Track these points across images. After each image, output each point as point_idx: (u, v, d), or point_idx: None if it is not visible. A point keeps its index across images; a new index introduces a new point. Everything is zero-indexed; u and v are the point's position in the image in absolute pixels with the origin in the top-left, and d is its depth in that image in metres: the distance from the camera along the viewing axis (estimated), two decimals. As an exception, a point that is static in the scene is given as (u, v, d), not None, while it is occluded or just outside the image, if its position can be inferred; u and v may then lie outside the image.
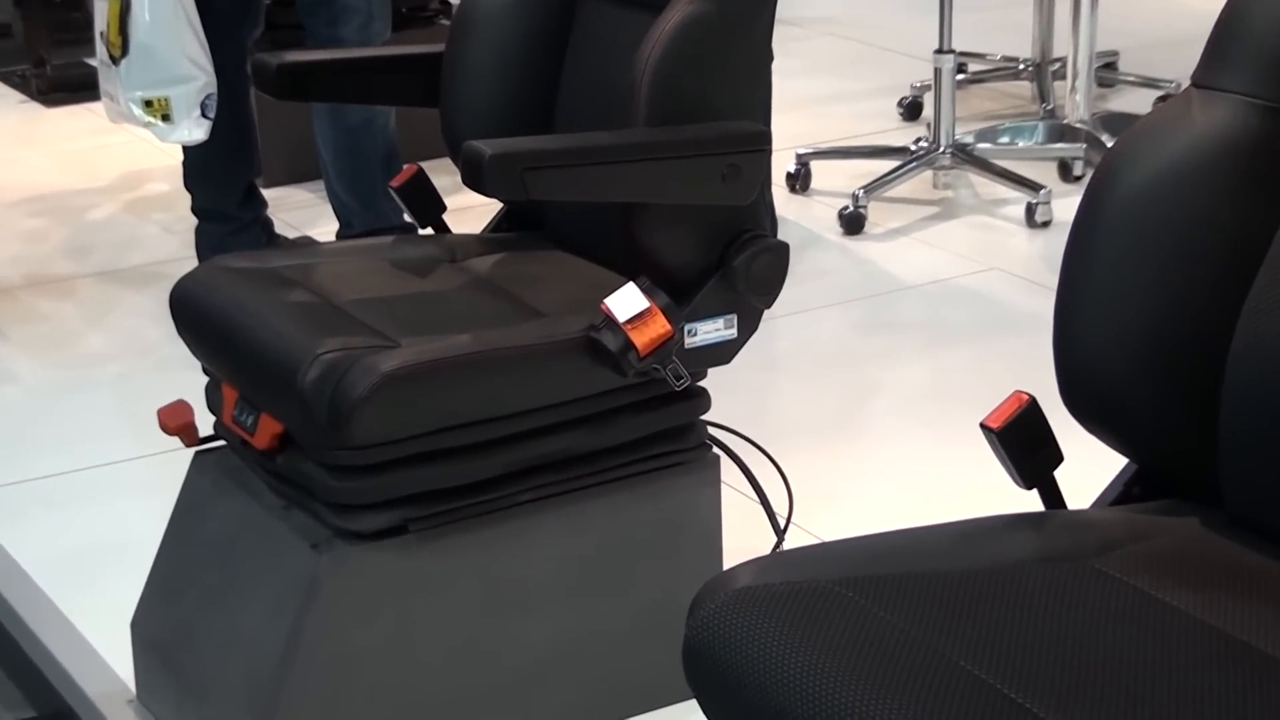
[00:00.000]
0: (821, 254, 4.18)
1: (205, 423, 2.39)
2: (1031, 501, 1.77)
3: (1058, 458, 1.75)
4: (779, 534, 2.47)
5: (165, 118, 3.37)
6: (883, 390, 3.47)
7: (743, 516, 2.54)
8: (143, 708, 2.44)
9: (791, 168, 4.60)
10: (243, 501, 2.31)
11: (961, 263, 4.10)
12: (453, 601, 2.22)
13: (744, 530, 2.51)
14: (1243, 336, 1.65)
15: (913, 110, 5.21)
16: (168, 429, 2.39)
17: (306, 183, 4.56)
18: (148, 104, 3.36)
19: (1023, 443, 1.73)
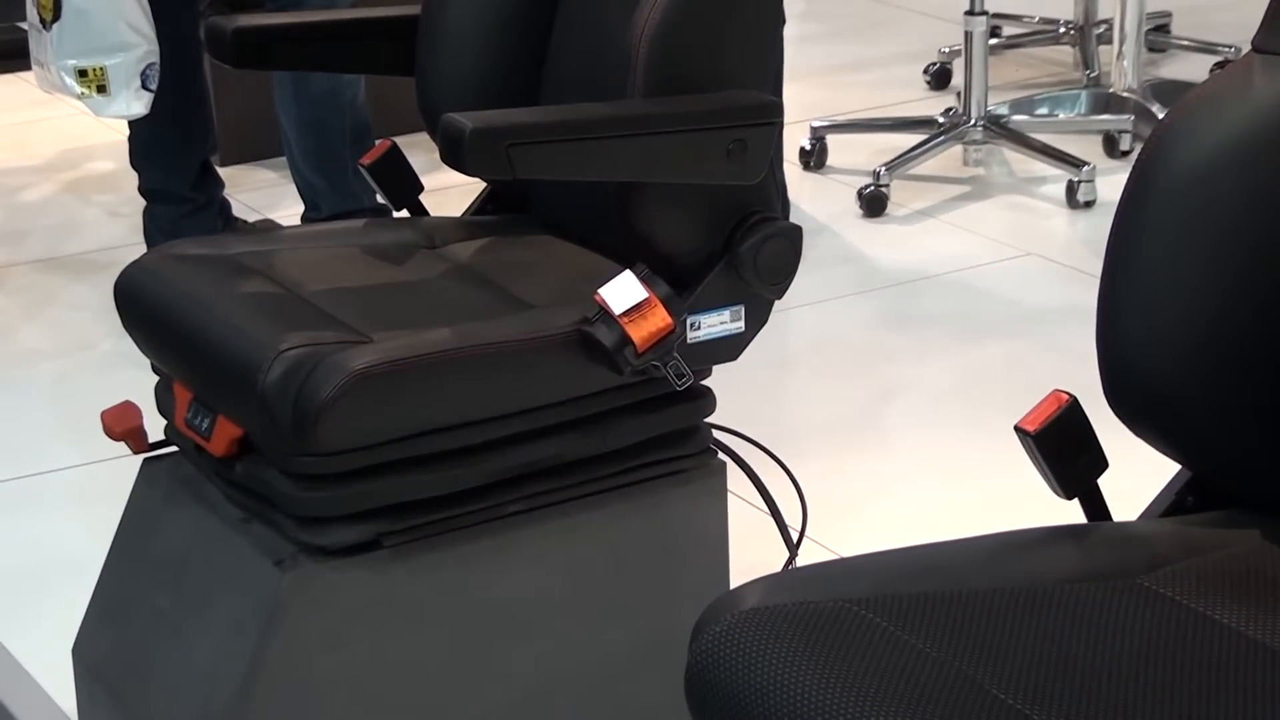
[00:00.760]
0: (839, 238, 4.19)
1: (155, 427, 2.40)
2: (1072, 513, 1.77)
3: (1101, 464, 1.75)
4: (792, 549, 2.48)
5: (101, 89, 3.37)
6: (907, 390, 3.48)
7: (752, 529, 2.55)
8: (86, 743, 2.45)
9: (805, 143, 4.61)
10: (197, 514, 2.32)
11: (995, 248, 4.11)
12: (431, 624, 2.23)
13: (753, 545, 2.51)
14: (1308, 328, 1.65)
15: (941, 78, 5.21)
16: (113, 434, 2.39)
17: (267, 160, 4.57)
18: (81, 74, 3.36)
19: (1062, 448, 1.73)
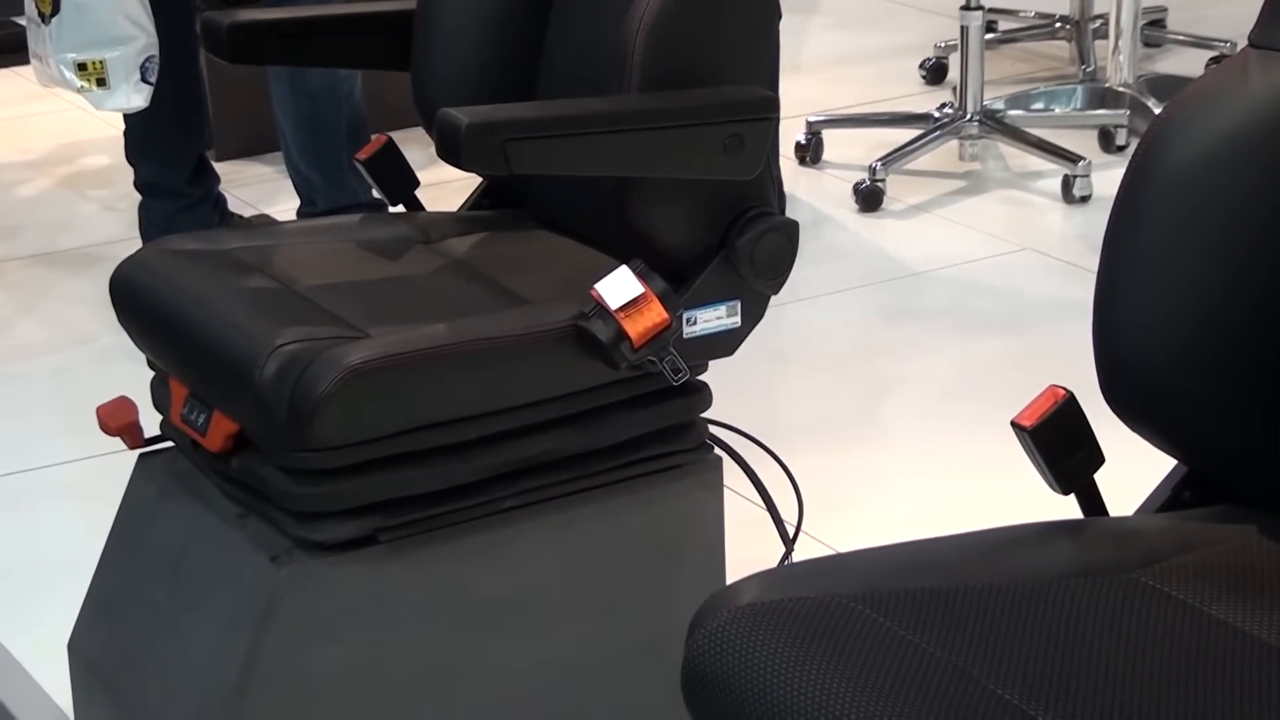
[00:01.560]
0: (835, 233, 4.19)
1: (150, 422, 2.39)
2: (1069, 508, 1.77)
3: (1098, 459, 1.75)
4: (788, 544, 2.48)
5: (101, 82, 3.37)
6: (903, 385, 3.48)
7: (748, 525, 2.55)
8: (82, 739, 2.45)
9: (801, 137, 4.61)
10: (193, 509, 2.32)
11: (991, 243, 4.11)
12: (426, 620, 2.23)
13: (749, 540, 2.51)
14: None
15: (937, 73, 5.21)
16: (108, 429, 2.39)
17: (263, 155, 4.56)
18: (81, 67, 3.35)
19: (1059, 443, 1.73)
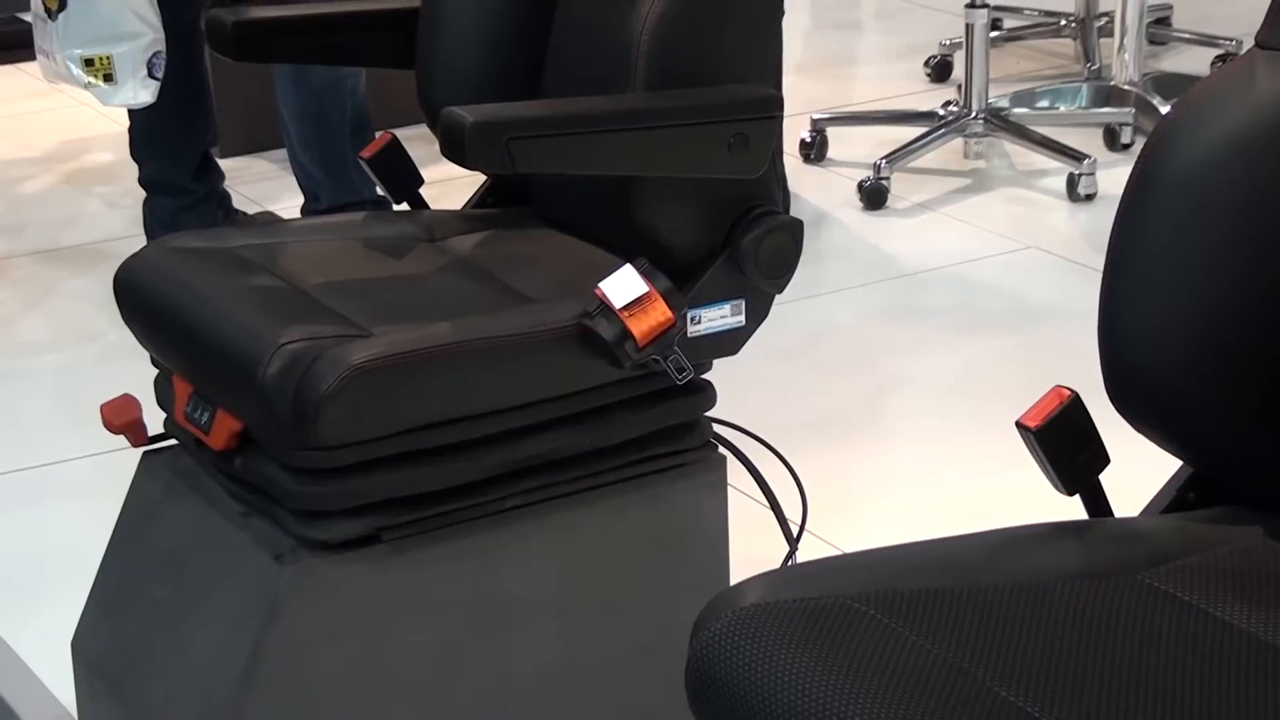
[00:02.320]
0: (839, 232, 4.18)
1: (154, 420, 2.39)
2: (1074, 509, 1.77)
3: (1103, 460, 1.75)
4: (792, 544, 2.47)
5: (108, 78, 3.37)
6: (907, 384, 3.47)
7: (752, 524, 2.54)
8: (85, 737, 2.45)
9: (806, 135, 4.61)
10: (196, 507, 2.31)
11: (995, 241, 4.10)
12: (430, 619, 2.23)
13: (753, 539, 2.51)
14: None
15: (941, 71, 5.21)
16: (112, 426, 2.39)
17: (267, 152, 4.56)
18: (88, 63, 3.36)
19: (1064, 443, 1.72)
